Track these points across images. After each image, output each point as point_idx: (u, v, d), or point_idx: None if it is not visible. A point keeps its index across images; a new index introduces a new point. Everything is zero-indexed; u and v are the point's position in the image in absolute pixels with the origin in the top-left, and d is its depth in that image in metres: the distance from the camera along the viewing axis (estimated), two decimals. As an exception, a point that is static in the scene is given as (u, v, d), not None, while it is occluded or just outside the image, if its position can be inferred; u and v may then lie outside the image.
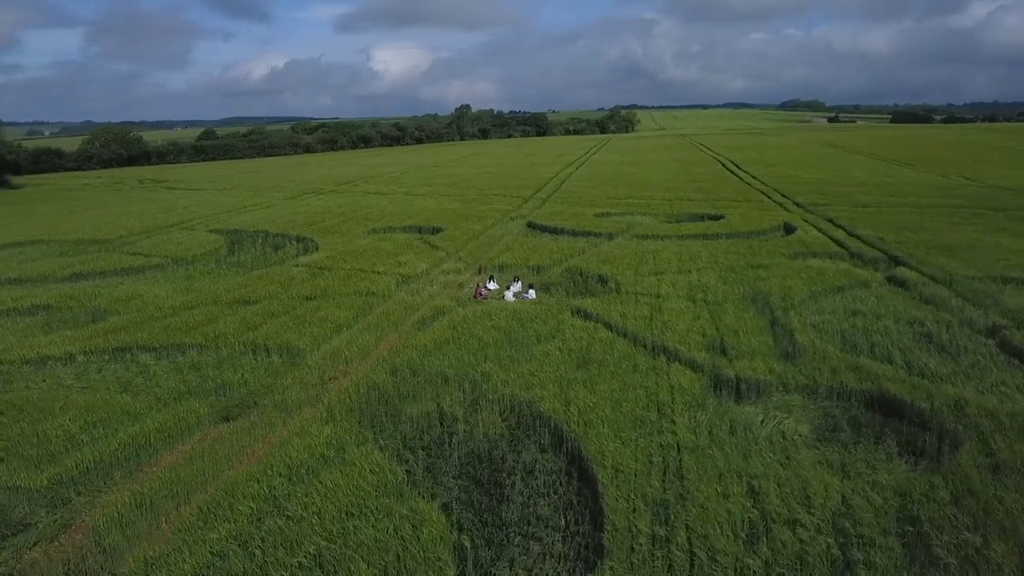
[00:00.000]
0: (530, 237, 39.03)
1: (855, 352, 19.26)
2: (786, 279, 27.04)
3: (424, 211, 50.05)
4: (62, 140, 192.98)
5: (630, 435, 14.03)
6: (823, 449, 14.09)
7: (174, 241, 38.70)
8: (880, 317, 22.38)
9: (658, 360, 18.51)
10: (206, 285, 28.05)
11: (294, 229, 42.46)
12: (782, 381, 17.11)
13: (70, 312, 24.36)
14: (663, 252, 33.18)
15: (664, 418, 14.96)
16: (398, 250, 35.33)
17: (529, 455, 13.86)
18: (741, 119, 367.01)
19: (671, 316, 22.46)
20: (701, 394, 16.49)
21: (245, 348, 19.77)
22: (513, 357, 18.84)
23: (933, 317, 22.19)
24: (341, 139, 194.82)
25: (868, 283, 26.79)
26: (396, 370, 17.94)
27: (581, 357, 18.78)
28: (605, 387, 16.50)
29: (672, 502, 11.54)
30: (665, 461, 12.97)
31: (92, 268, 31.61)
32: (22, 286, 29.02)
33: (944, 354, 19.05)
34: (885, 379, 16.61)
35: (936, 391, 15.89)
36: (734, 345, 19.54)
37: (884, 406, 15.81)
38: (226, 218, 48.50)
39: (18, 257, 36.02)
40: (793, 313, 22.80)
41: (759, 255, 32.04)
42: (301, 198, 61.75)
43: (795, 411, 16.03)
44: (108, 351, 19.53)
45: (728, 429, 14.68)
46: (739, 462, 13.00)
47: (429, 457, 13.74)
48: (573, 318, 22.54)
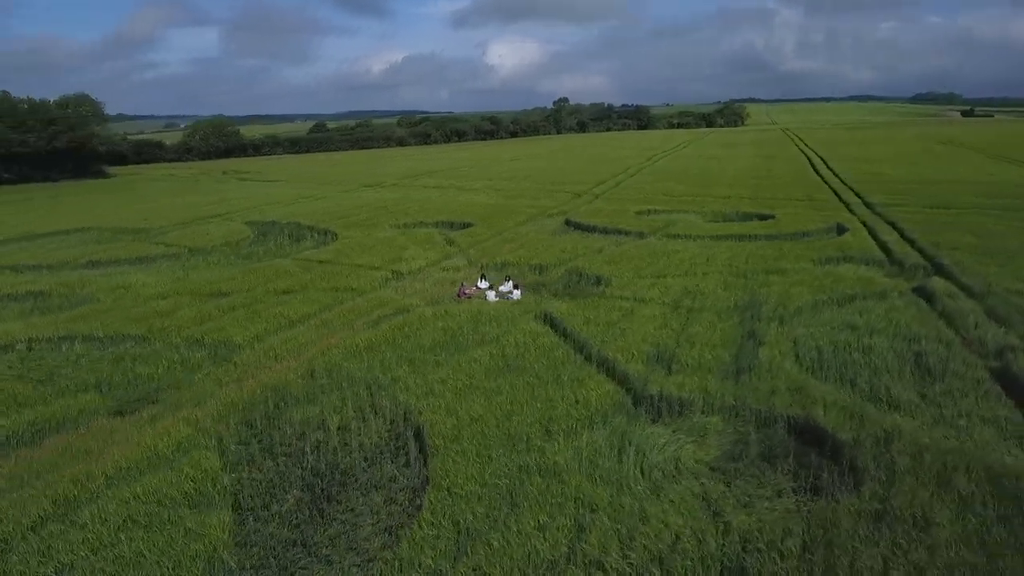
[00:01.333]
0: (554, 235, 38.05)
1: (819, 372, 17.45)
2: (794, 286, 25.05)
3: (465, 206, 49.99)
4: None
5: (493, 453, 13.14)
6: (710, 480, 12.73)
7: (203, 232, 40.28)
8: (875, 333, 20.23)
9: (586, 370, 17.41)
10: (198, 276, 28.92)
11: (324, 222, 43.29)
12: (708, 401, 15.68)
13: (57, 299, 25.67)
14: (681, 253, 31.53)
15: (549, 437, 13.94)
16: (411, 245, 35.29)
17: (387, 470, 13.26)
18: (864, 113, 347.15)
19: (637, 323, 21.18)
20: (610, 411, 15.32)
21: (183, 341, 20.09)
22: (438, 361, 18.22)
23: (936, 334, 19.87)
24: (435, 133, 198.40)
25: (886, 293, 24.39)
26: (313, 371, 17.71)
27: (507, 364, 17.94)
28: (506, 398, 15.62)
29: (480, 532, 10.66)
30: (510, 486, 12.03)
31: (110, 256, 33.30)
32: (34, 272, 30.89)
33: (923, 378, 16.96)
34: (820, 405, 14.90)
35: (872, 421, 14.09)
36: (683, 358, 18.13)
37: (806, 434, 14.17)
38: (269, 209, 50.11)
39: (53, 244, 38.48)
40: (777, 325, 21.02)
41: (785, 259, 29.91)
42: (357, 191, 63.07)
43: (709, 435, 14.63)
44: (55, 339, 20.34)
45: (616, 453, 13.52)
46: (594, 491, 11.89)
47: (277, 467, 13.38)
48: (533, 322, 21.62)
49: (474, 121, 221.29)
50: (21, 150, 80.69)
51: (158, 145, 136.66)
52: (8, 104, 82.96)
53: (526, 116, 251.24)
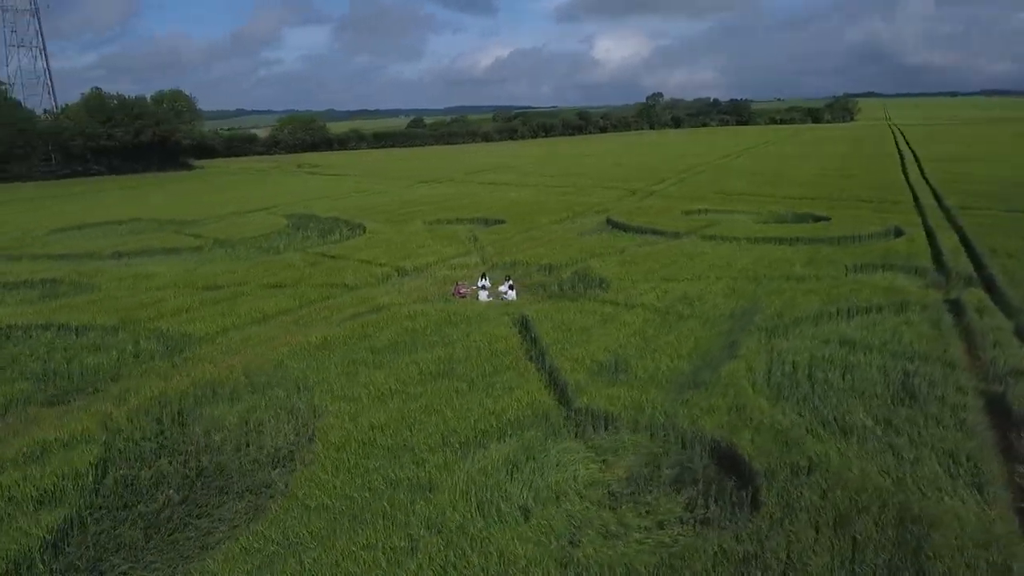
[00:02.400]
0: (585, 234, 37.00)
1: (782, 390, 16.01)
2: (807, 294, 23.39)
3: (508, 202, 49.63)
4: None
5: (371, 465, 12.64)
6: (597, 504, 11.79)
7: (240, 224, 41.51)
8: (871, 349, 18.49)
9: (528, 378, 16.62)
10: (207, 268, 29.68)
11: (360, 216, 43.80)
12: (638, 417, 14.62)
13: (63, 288, 26.87)
14: (706, 256, 30.04)
15: (447, 449, 13.31)
16: (432, 241, 35.16)
17: (266, 476, 12.97)
18: (990, 108, 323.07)
19: (611, 329, 20.18)
20: (528, 423, 14.51)
21: (149, 333, 20.51)
22: (379, 363, 17.84)
23: (941, 354, 17.95)
24: (521, 128, 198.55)
25: (907, 305, 22.33)
26: (252, 369, 17.70)
27: (448, 368, 17.38)
28: (421, 405, 15.07)
29: (302, 546, 10.20)
30: (367, 500, 11.49)
31: (140, 247, 34.73)
32: (61, 261, 32.47)
33: (898, 402, 15.30)
34: (751, 428, 13.62)
35: (800, 449, 12.73)
36: (637, 369, 17.08)
37: (726, 460, 12.96)
38: (316, 203, 51.22)
39: (96, 234, 40.47)
40: (763, 336, 19.57)
41: (815, 264, 28.05)
42: (413, 187, 63.70)
43: (625, 454, 13.62)
44: (31, 327, 21.18)
45: (509, 469, 12.74)
46: (453, 511, 11.19)
47: (170, 465, 13.30)
48: (505, 325, 20.94)
49: (564, 116, 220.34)
50: (109, 144, 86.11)
51: (249, 139, 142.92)
52: (98, 101, 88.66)
53: (617, 112, 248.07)
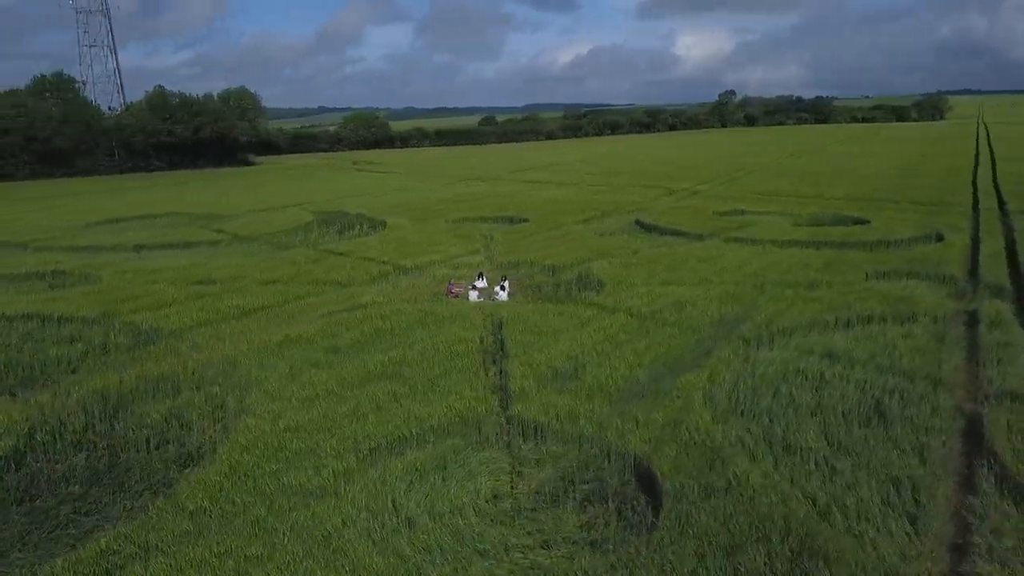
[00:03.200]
0: (605, 235, 36.19)
1: (736, 404, 15.10)
2: (808, 302, 22.27)
3: (538, 201, 49.27)
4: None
5: (269, 468, 12.43)
6: (490, 521, 11.28)
7: (266, 220, 42.31)
8: (854, 364, 17.33)
9: (476, 382, 16.16)
10: (214, 262, 30.25)
11: (387, 213, 44.15)
12: (570, 428, 14.00)
13: (69, 279, 27.78)
14: (720, 259, 28.96)
15: (354, 455, 13.00)
16: (446, 239, 35.05)
17: (169, 477, 12.95)
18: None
19: (582, 334, 19.56)
20: (455, 430, 14.10)
21: (123, 326, 20.87)
22: (330, 363, 17.72)
23: (933, 370, 16.69)
24: (586, 126, 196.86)
25: (915, 317, 20.94)
26: (201, 366, 17.73)
27: (397, 370, 17.09)
28: (349, 408, 14.82)
29: (153, 552, 10.06)
30: (247, 507, 11.27)
31: (163, 241, 35.72)
32: (79, 252, 33.71)
33: (862, 423, 14.20)
34: (675, 443, 12.85)
35: (724, 469, 11.91)
36: (589, 377, 16.41)
37: (644, 478, 12.24)
38: (349, 200, 51.83)
39: (126, 227, 41.87)
40: (742, 345, 18.63)
41: (832, 269, 26.79)
42: (452, 185, 63.86)
43: (546, 467, 13.04)
44: (18, 317, 21.81)
45: (414, 479, 12.36)
46: (328, 523, 10.84)
47: (85, 462, 13.43)
48: (474, 329, 20.53)
49: (631, 114, 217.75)
50: (169, 140, 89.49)
51: (313, 137, 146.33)
52: (160, 99, 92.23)
53: (687, 109, 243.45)
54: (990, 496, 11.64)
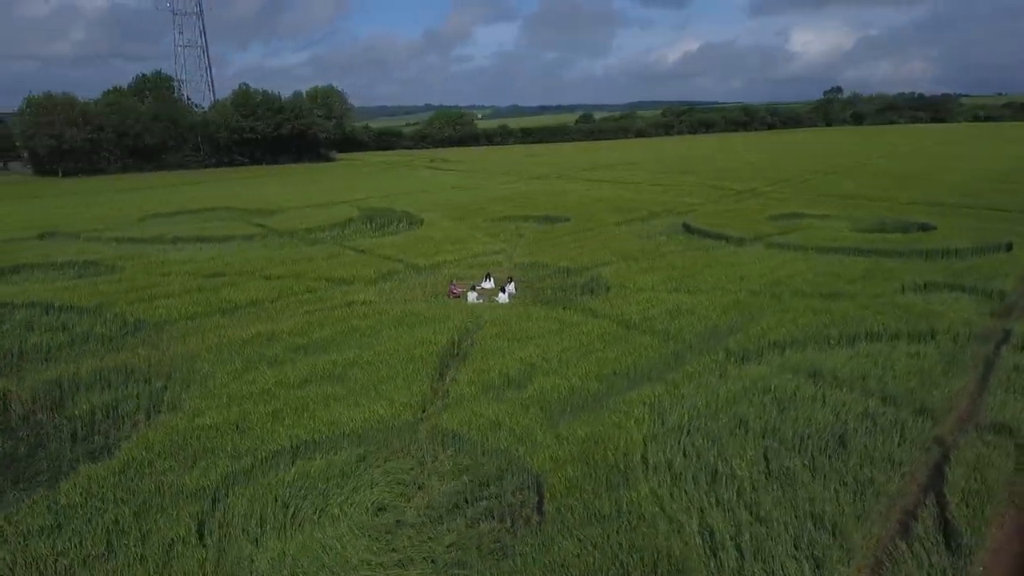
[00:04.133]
0: (643, 236, 35.04)
1: (677, 424, 14.05)
2: (817, 314, 20.74)
3: (590, 200, 48.58)
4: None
5: (157, 467, 12.37)
6: (363, 535, 10.82)
7: (310, 215, 43.16)
8: (840, 385, 15.96)
9: (412, 390, 15.71)
10: (237, 256, 30.93)
11: (429, 210, 44.34)
12: (486, 441, 13.36)
13: (96, 269, 28.99)
14: (746, 265, 27.51)
15: (251, 458, 12.82)
16: (475, 238, 34.78)
17: (62, 469, 13.10)
18: None
19: (552, 341, 18.82)
20: (372, 437, 13.72)
21: (113, 317, 21.47)
22: (281, 361, 17.60)
23: (925, 398, 15.15)
24: (678, 124, 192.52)
25: (935, 334, 19.16)
26: (159, 360, 17.94)
27: (345, 372, 16.84)
28: (269, 409, 14.61)
29: (9, 547, 10.15)
30: (121, 506, 11.25)
31: (202, 234, 36.85)
32: (123, 243, 35.21)
33: (810, 453, 12.93)
34: (583, 463, 12.03)
35: (616, 494, 11.05)
36: (538, 385, 15.73)
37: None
38: (403, 197, 52.32)
39: (178, 220, 43.47)
40: (722, 359, 17.51)
41: (869, 279, 25.08)
42: (513, 183, 63.62)
43: (450, 479, 12.47)
44: (22, 305, 22.73)
45: (302, 487, 12.01)
46: (182, 529, 10.70)
47: (15, 449, 13.83)
48: (446, 333, 20.09)
49: (726, 112, 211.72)
50: (251, 136, 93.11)
51: (397, 134, 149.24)
52: (244, 97, 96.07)
53: (791, 108, 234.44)
54: (922, 542, 10.33)
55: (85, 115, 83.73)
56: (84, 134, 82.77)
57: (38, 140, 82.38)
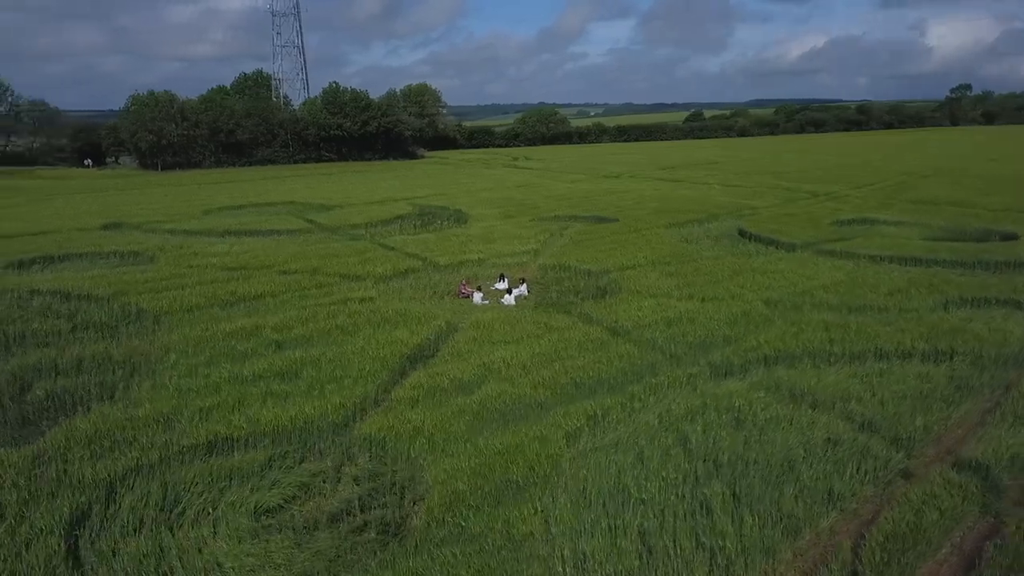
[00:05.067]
0: (690, 242, 33.68)
1: (610, 442, 13.28)
2: (828, 329, 19.28)
3: (648, 200, 47.43)
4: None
5: (72, 455, 12.65)
6: (236, 539, 10.68)
7: (362, 212, 43.81)
8: (816, 407, 14.73)
9: (354, 393, 15.49)
10: (267, 249, 31.72)
11: (480, 209, 44.31)
12: (398, 448, 13.00)
13: (137, 259, 30.29)
14: (780, 273, 26.20)
15: (163, 451, 12.94)
16: (507, 238, 34.36)
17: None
18: None
19: (533, 344, 18.25)
20: (289, 439, 13.61)
21: (119, 306, 22.37)
22: (247, 355, 17.83)
23: (907, 427, 13.80)
24: (784, 123, 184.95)
25: (952, 356, 17.55)
26: (136, 351, 18.50)
27: (298, 370, 16.81)
28: (206, 404, 14.72)
29: None
30: (22, 489, 11.55)
31: (250, 227, 38.00)
32: (175, 235, 36.68)
33: (744, 483, 11.90)
34: (460, 481, 11.44)
35: (498, 514, 10.45)
36: (480, 393, 15.28)
37: (413, 514, 11.01)
38: (460, 196, 52.44)
39: (237, 214, 44.91)
40: (699, 373, 16.47)
41: (909, 293, 23.36)
42: (582, 181, 62.78)
43: (351, 486, 12.18)
44: (47, 292, 23.95)
45: (198, 487, 12.01)
46: (57, 521, 10.86)
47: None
48: (421, 335, 19.81)
49: (838, 111, 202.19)
50: (338, 133, 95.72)
51: (487, 131, 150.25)
52: (333, 94, 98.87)
53: (911, 105, 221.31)
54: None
55: (183, 112, 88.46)
56: (181, 130, 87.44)
57: (140, 136, 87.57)
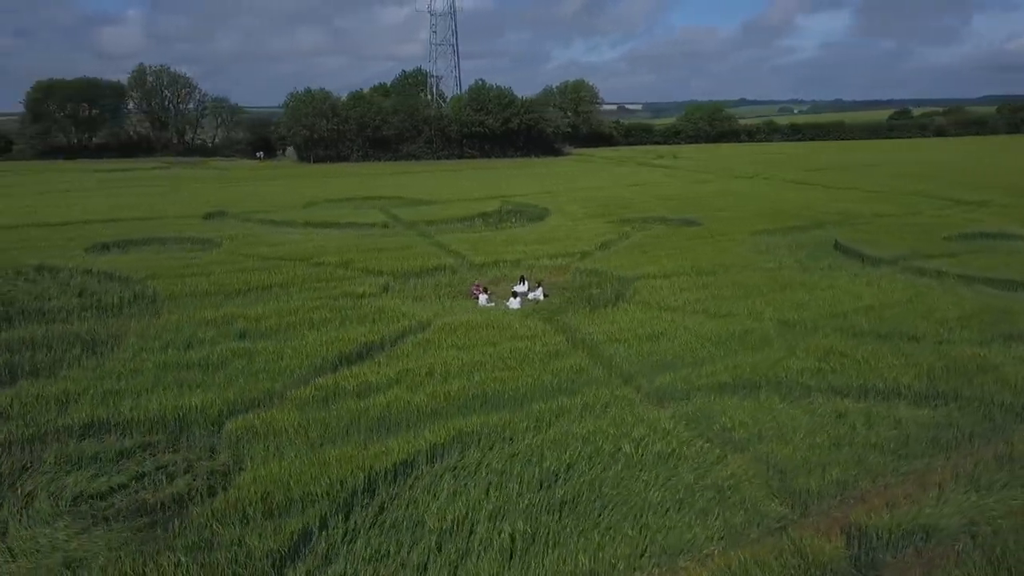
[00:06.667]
0: (758, 252, 31.01)
1: (445, 463, 12.33)
2: (812, 358, 17.15)
3: (754, 203, 45.15)
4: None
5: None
6: (39, 520, 10.97)
7: (448, 208, 44.44)
8: (730, 444, 12.97)
9: (240, 389, 15.48)
10: (327, 241, 32.89)
11: (567, 208, 43.64)
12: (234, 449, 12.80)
13: (205, 246, 32.27)
14: (825, 291, 23.76)
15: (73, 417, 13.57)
16: (572, 238, 33.45)
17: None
18: None
19: (477, 352, 17.53)
20: (169, 429, 13.83)
21: (140, 287, 23.91)
22: (211, 342, 18.41)
23: (817, 482, 11.79)
24: (996, 122, 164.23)
25: (956, 398, 15.06)
26: (126, 330, 19.67)
27: (217, 362, 17.06)
28: (138, 384, 15.41)
29: None
30: None
31: (330, 220, 39.55)
32: (264, 224, 38.64)
33: (578, 515, 10.66)
34: (280, 491, 10.94)
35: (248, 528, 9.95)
36: (380, 399, 14.74)
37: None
38: (561, 193, 51.75)
39: (334, 207, 46.71)
40: (633, 393, 14.96)
41: (967, 322, 20.32)
42: (704, 182, 60.26)
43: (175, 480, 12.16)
44: (93, 272, 26.19)
45: (68, 466, 12.47)
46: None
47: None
48: (374, 333, 19.54)
49: None
50: (479, 130, 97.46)
51: (646, 129, 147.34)
52: (477, 91, 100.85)
53: None
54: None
55: (333, 109, 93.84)
56: (331, 125, 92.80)
57: (295, 131, 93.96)
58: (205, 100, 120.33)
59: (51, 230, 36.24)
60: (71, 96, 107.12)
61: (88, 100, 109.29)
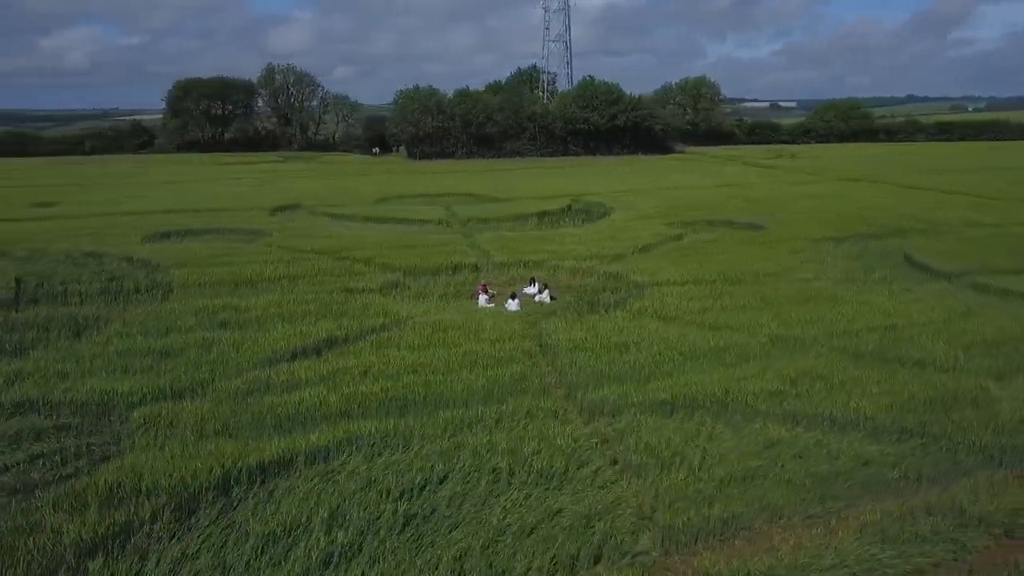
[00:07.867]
0: (814, 261, 28.83)
1: (323, 471, 12.00)
2: (791, 383, 15.62)
3: (841, 204, 42.72)
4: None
5: None
6: None
7: (512, 205, 44.13)
8: (632, 475, 12.11)
9: (182, 377, 15.81)
10: (372, 236, 33.53)
11: (633, 208, 42.47)
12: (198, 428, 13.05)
13: (254, 237, 33.53)
14: (854, 305, 21.90)
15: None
16: (620, 238, 32.54)
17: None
18: None
19: (428, 354, 17.19)
20: (98, 412, 14.35)
21: (162, 272, 25.18)
22: (176, 328, 19.10)
23: (732, 513, 10.79)
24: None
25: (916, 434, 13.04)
26: (131, 320, 20.65)
27: (178, 348, 17.61)
28: (42, 366, 16.19)
29: None
30: None
31: (392, 216, 40.15)
32: (324, 219, 39.91)
33: (383, 536, 10.19)
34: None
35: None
36: (304, 395, 14.77)
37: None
38: (639, 194, 50.34)
39: (407, 203, 46.86)
40: (549, 404, 14.21)
41: (1001, 349, 18.14)
42: (810, 183, 58.01)
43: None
44: (131, 259, 27.67)
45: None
46: None
47: None
48: (341, 329, 19.51)
49: None
50: (584, 127, 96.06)
51: (772, 127, 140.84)
52: (584, 87, 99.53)
53: None
54: None
55: (439, 105, 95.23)
56: (436, 122, 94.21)
57: (402, 128, 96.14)
58: (327, 98, 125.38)
59: (123, 218, 38.73)
60: (206, 94, 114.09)
61: (221, 98, 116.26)
